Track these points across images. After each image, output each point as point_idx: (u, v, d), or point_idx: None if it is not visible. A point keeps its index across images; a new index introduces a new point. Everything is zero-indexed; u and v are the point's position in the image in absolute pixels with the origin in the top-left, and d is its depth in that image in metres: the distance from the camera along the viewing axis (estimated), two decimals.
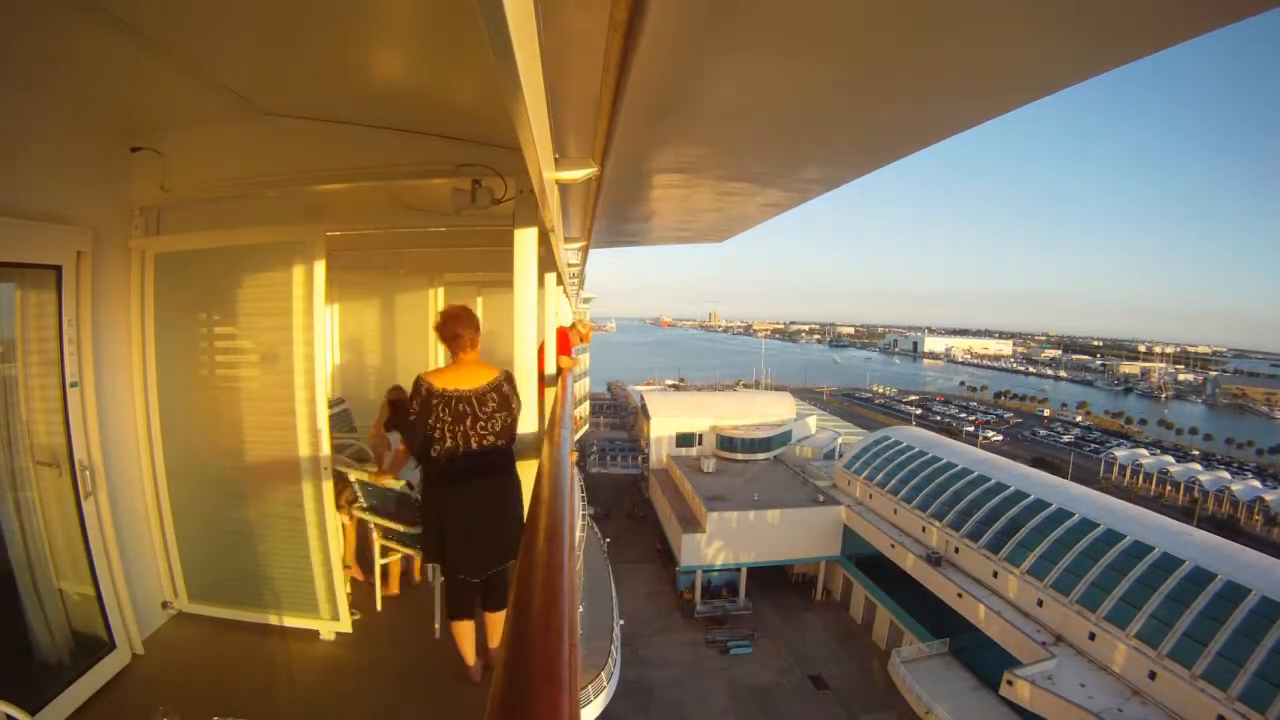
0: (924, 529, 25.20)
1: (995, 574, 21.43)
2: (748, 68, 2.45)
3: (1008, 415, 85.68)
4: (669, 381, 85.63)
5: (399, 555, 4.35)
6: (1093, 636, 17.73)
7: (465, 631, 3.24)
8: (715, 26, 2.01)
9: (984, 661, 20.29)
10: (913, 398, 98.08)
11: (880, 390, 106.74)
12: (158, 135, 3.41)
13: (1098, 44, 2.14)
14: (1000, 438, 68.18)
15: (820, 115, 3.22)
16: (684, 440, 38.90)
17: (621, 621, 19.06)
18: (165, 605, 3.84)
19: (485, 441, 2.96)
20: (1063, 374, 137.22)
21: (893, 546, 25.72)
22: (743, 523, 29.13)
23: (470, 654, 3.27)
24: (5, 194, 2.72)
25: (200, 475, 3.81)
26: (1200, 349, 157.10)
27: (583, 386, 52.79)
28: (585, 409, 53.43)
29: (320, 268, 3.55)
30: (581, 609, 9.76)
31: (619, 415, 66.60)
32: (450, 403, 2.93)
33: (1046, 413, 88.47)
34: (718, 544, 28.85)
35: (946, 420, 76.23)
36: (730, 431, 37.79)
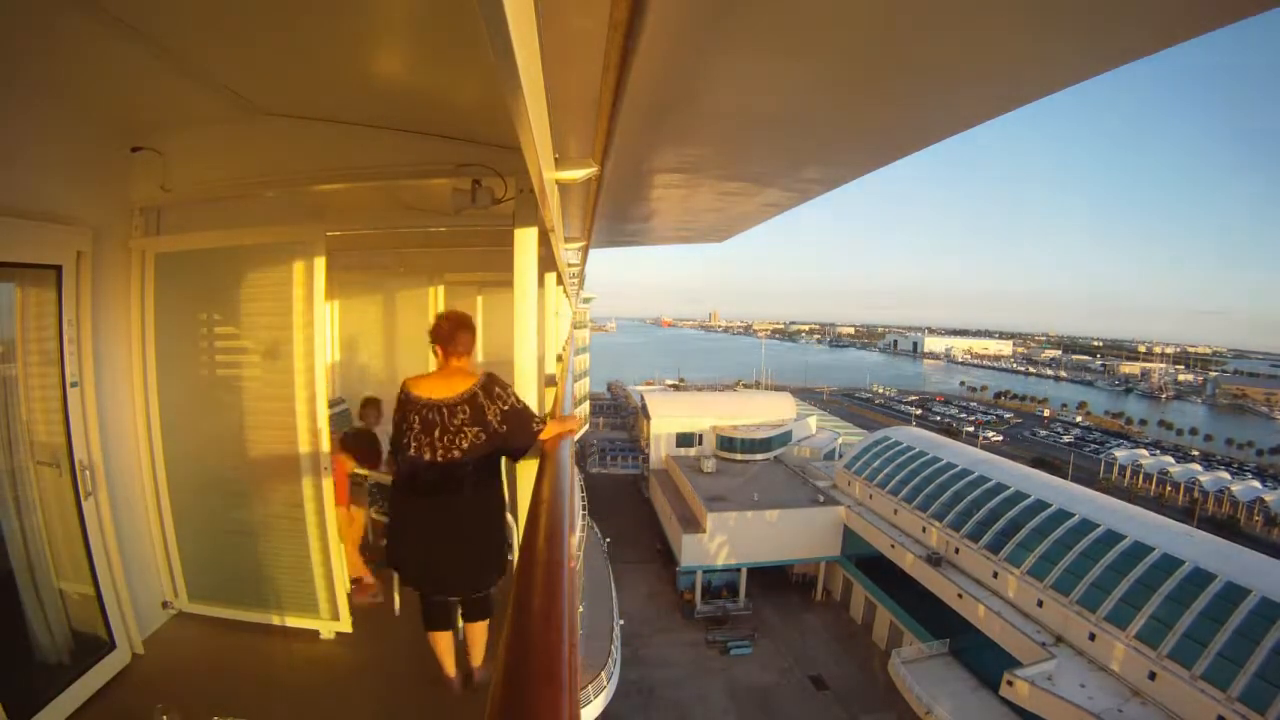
0: (924, 529, 25.18)
1: (995, 574, 21.41)
2: (748, 68, 2.45)
3: (1008, 415, 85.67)
4: (669, 381, 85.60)
5: None
6: (1093, 637, 17.71)
7: (441, 642, 3.16)
8: (715, 26, 2.01)
9: (984, 662, 20.27)
10: (913, 398, 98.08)
11: (880, 390, 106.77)
12: (158, 135, 3.41)
13: (1098, 44, 2.15)
14: (1000, 438, 68.15)
15: (820, 115, 3.23)
16: (684, 440, 38.85)
17: (621, 621, 19.09)
18: (165, 605, 3.84)
19: (451, 456, 2.74)
20: (1063, 374, 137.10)
21: (893, 547, 25.70)
22: (743, 523, 29.11)
23: (449, 665, 3.19)
24: (5, 194, 2.72)
25: (200, 475, 3.81)
26: (1200, 349, 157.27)
27: (583, 386, 52.98)
28: (585, 409, 53.55)
29: (320, 268, 3.54)
30: (581, 609, 9.75)
31: (619, 415, 66.63)
32: (422, 411, 2.76)
33: (1046, 413, 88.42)
34: (718, 544, 28.84)
35: (946, 420, 76.22)
36: (730, 431, 37.74)
